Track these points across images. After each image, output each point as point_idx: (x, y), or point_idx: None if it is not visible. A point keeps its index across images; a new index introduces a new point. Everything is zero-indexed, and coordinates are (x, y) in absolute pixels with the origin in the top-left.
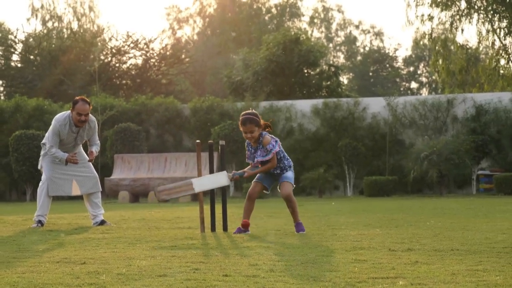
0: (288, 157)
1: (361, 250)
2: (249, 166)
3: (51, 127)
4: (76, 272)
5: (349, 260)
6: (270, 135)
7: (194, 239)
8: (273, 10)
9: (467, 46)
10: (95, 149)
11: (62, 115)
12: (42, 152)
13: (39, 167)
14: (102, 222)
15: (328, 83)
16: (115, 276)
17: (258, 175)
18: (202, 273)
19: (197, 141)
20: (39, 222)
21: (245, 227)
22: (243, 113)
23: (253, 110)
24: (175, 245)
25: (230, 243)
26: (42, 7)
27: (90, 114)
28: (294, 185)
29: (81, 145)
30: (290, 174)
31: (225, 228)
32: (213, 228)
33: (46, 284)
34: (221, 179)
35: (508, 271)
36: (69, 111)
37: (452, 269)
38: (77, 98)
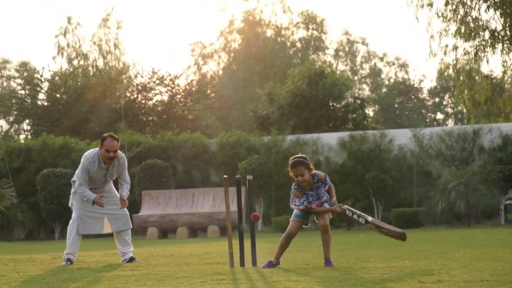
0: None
1: (390, 282)
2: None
3: (80, 164)
4: None
5: None
6: (320, 173)
7: (224, 274)
8: (298, 44)
9: (492, 76)
10: (126, 191)
11: (91, 153)
12: (72, 190)
13: (69, 205)
14: (131, 259)
15: (354, 115)
16: None
17: (294, 212)
18: None
19: (224, 176)
20: (68, 260)
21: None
22: (292, 157)
23: (302, 154)
24: (205, 281)
25: (259, 278)
26: (68, 45)
27: (119, 151)
28: (331, 216)
29: (111, 182)
30: (327, 206)
31: (254, 263)
32: (242, 263)
33: None
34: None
35: None
36: (98, 148)
37: None
38: (105, 135)
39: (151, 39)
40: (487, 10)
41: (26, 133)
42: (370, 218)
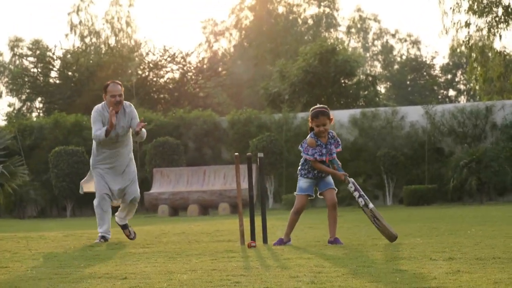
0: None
1: (402, 260)
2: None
3: (91, 120)
4: (118, 287)
5: (390, 270)
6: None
7: (234, 252)
8: (310, 21)
9: (505, 53)
10: (143, 132)
11: (97, 106)
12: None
13: (80, 191)
14: (125, 227)
15: (366, 92)
16: None
17: (298, 186)
18: (243, 286)
19: (236, 153)
20: (103, 237)
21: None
22: (313, 107)
23: (322, 105)
24: (216, 259)
25: (270, 256)
26: (80, 23)
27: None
28: (336, 189)
29: (127, 148)
30: (331, 179)
31: (265, 240)
32: (253, 240)
33: None
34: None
35: None
36: (102, 103)
37: (495, 278)
38: (107, 83)
39: (162, 16)
40: None
41: (38, 111)
42: (371, 205)
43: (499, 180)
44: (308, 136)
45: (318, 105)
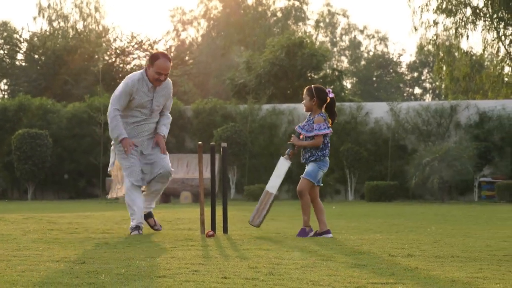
0: (326, 151)
1: (361, 254)
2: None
3: (119, 86)
4: (76, 272)
5: (349, 265)
6: (326, 121)
7: (194, 240)
8: (278, 14)
9: (472, 53)
10: (166, 130)
11: (134, 74)
12: (112, 150)
13: (109, 170)
14: (150, 216)
15: (332, 87)
16: (115, 276)
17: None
18: (201, 275)
19: (199, 142)
20: (137, 227)
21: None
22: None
23: (327, 90)
24: (175, 246)
25: (230, 245)
26: (49, 6)
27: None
28: (315, 183)
29: (156, 118)
30: (310, 169)
31: (225, 230)
32: (213, 230)
33: (46, 283)
34: (283, 166)
35: (508, 280)
36: (142, 70)
37: (452, 276)
38: (156, 52)
39: (131, 3)
40: None
41: (3, 93)
42: (273, 191)
43: (461, 180)
44: None
45: (318, 85)
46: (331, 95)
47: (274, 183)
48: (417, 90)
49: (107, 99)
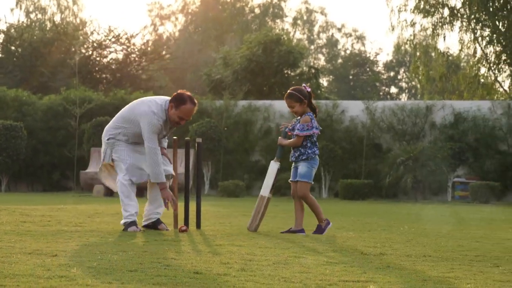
0: (315, 149)
1: (333, 252)
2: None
3: (147, 124)
4: (47, 264)
5: (321, 262)
6: (313, 120)
7: (167, 235)
8: (256, 10)
9: (448, 54)
10: (164, 143)
11: (159, 107)
12: (106, 146)
13: (102, 161)
14: (159, 222)
15: (308, 84)
16: (86, 269)
17: (291, 173)
18: (173, 269)
19: (174, 137)
20: (133, 223)
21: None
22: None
23: (303, 86)
24: (148, 241)
25: (202, 241)
26: None
27: None
28: (311, 182)
29: None
30: (304, 170)
31: (198, 226)
32: (186, 225)
33: (17, 275)
34: (273, 168)
35: (479, 280)
36: (163, 103)
37: (424, 276)
38: (184, 95)
39: None
40: None
41: None
42: (266, 194)
43: (435, 180)
44: None
45: (294, 87)
46: (308, 89)
47: (265, 186)
48: (393, 90)
49: (82, 92)
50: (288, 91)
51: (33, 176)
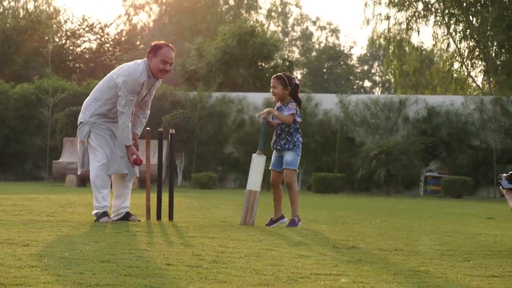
0: (299, 136)
1: (305, 245)
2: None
3: (124, 84)
4: (19, 254)
5: (293, 255)
6: (296, 108)
7: (139, 226)
8: (231, 2)
9: (422, 48)
10: (140, 130)
11: (137, 67)
12: (83, 127)
13: (79, 171)
14: (128, 215)
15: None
16: (58, 259)
17: (272, 161)
18: (145, 260)
19: (147, 128)
20: (104, 213)
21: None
22: None
23: (291, 76)
24: (120, 232)
25: (175, 232)
26: None
27: None
28: (297, 170)
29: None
30: (290, 158)
31: (170, 217)
32: (158, 217)
33: None
34: (259, 162)
35: (450, 274)
36: (142, 60)
37: (395, 269)
38: (158, 43)
39: None
40: None
41: None
42: (257, 188)
43: (407, 174)
44: None
45: (284, 73)
46: (297, 81)
47: (255, 180)
48: (367, 83)
49: (55, 81)
50: (277, 74)
51: (5, 165)
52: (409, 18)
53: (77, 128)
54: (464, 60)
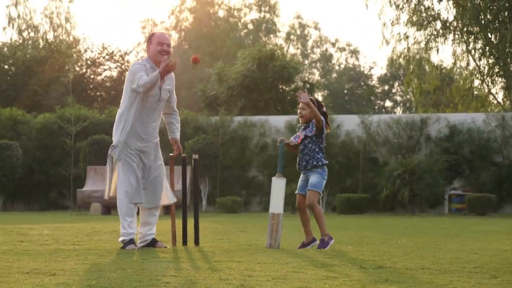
0: (322, 155)
1: (332, 266)
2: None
3: (129, 71)
4: (46, 284)
5: (320, 277)
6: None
7: (165, 252)
8: (250, 26)
9: (442, 66)
10: (178, 131)
11: (136, 61)
12: (112, 156)
13: (107, 196)
14: (154, 242)
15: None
16: None
17: (298, 185)
18: (172, 286)
19: (170, 154)
20: (131, 241)
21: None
22: None
23: (320, 102)
24: (146, 258)
25: (201, 257)
26: (18, 16)
27: None
28: (321, 193)
29: (158, 118)
30: (315, 180)
31: (196, 242)
32: (184, 242)
33: None
34: (280, 185)
35: None
36: (140, 59)
37: None
38: (150, 32)
39: (102, 14)
40: (439, 0)
41: None
42: (280, 211)
43: (431, 192)
44: None
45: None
46: (324, 108)
47: (277, 203)
48: (388, 103)
49: (77, 110)
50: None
51: (29, 195)
52: (428, 37)
53: (108, 153)
54: (484, 77)
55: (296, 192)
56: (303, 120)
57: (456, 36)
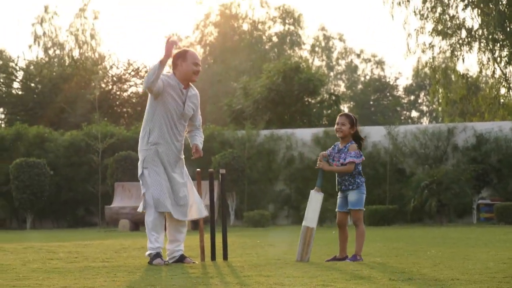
0: (361, 177)
1: (361, 279)
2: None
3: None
4: None
5: None
6: (358, 149)
7: (194, 268)
8: (274, 39)
9: (468, 75)
10: (200, 140)
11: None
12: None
13: (140, 209)
14: (182, 258)
15: (329, 111)
16: None
17: (337, 203)
18: None
19: (198, 169)
20: (157, 255)
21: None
22: None
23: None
24: (175, 274)
25: (230, 272)
26: (44, 34)
27: None
28: (363, 208)
29: (184, 130)
30: (355, 197)
31: (225, 257)
32: (213, 257)
33: None
34: (317, 199)
35: None
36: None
37: None
38: (179, 50)
39: (127, 30)
40: (464, 8)
41: (0, 122)
42: (313, 225)
43: (459, 202)
44: None
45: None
46: (359, 126)
47: (312, 217)
48: (414, 113)
49: (104, 127)
50: (345, 112)
51: (57, 213)
52: (453, 46)
53: (138, 163)
54: (511, 85)
55: (336, 210)
56: (341, 135)
57: (482, 44)
